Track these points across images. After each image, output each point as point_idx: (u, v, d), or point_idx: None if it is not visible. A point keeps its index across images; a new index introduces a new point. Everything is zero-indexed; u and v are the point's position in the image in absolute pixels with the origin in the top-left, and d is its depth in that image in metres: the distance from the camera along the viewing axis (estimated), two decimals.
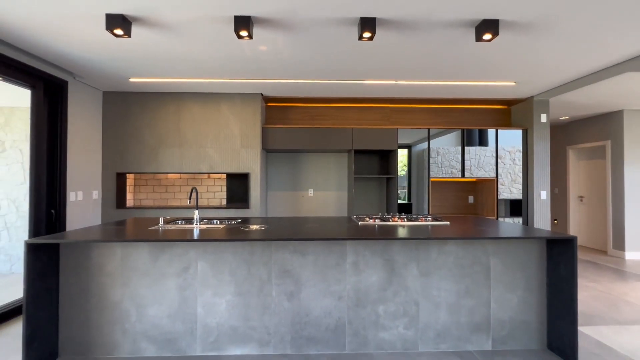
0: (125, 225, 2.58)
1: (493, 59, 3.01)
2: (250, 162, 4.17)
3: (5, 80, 2.89)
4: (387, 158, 4.70)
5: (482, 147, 4.49)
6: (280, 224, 2.64)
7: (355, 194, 4.72)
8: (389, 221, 2.76)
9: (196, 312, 2.22)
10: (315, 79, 3.60)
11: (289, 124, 4.67)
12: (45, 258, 2.07)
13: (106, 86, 3.89)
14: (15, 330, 2.60)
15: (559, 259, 2.20)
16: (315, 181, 4.79)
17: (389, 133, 4.35)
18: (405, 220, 2.83)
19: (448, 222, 2.73)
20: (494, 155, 4.46)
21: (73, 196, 3.57)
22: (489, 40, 2.35)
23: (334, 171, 4.81)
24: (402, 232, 2.23)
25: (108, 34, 2.45)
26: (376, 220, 2.80)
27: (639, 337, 2.45)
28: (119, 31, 2.22)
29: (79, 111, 3.66)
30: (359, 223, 2.66)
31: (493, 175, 4.44)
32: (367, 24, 2.21)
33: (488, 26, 2.24)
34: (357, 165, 4.70)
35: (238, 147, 4.16)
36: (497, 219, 4.42)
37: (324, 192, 4.80)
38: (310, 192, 4.78)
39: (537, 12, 2.17)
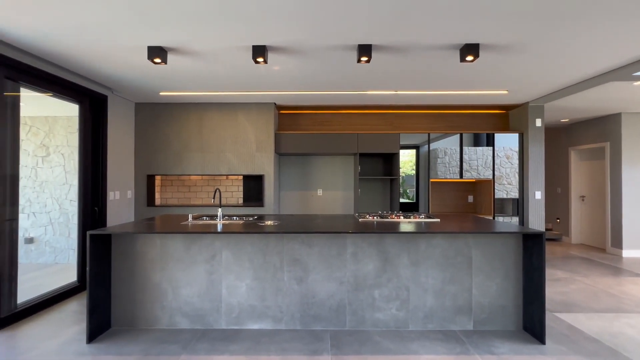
0: (160, 220, 3.05)
1: (482, 72, 3.33)
2: (265, 164, 4.61)
3: (57, 97, 3.42)
4: (390, 160, 5.06)
5: (488, 148, 4.78)
6: (291, 220, 3.06)
7: (360, 193, 5.10)
8: (387, 218, 3.13)
9: (221, 293, 2.66)
10: (322, 91, 4.00)
11: (299, 129, 5.09)
12: (101, 246, 2.56)
13: (138, 98, 4.40)
14: (69, 307, 3.12)
15: (532, 251, 2.53)
16: (324, 182, 5.20)
17: (391, 137, 4.70)
18: (401, 217, 3.20)
19: (439, 219, 3.08)
20: (498, 156, 4.74)
21: (112, 195, 4.10)
22: (471, 61, 2.69)
23: (341, 173, 5.20)
24: (395, 228, 2.61)
25: (145, 58, 2.91)
26: (375, 217, 3.18)
27: (609, 322, 2.75)
28: (157, 60, 2.68)
29: (115, 121, 4.18)
30: (360, 219, 3.05)
31: (493, 176, 4.73)
32: (364, 50, 2.59)
33: (470, 49, 2.59)
34: (362, 167, 5.07)
35: (253, 151, 4.61)
36: (493, 218, 4.71)
37: (332, 191, 5.20)
38: (320, 192, 5.19)
39: (512, 37, 2.50)
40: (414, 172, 4.98)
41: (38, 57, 2.92)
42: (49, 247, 4.64)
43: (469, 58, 2.65)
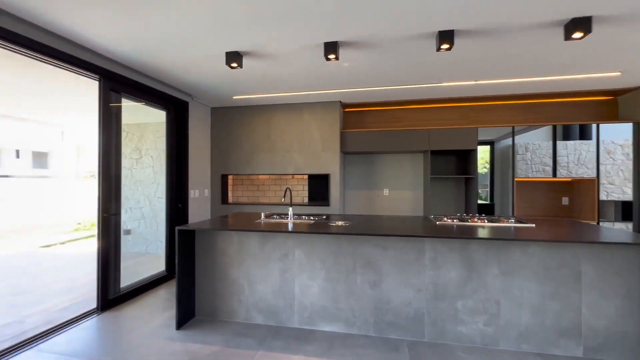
0: (235, 218, 3.20)
1: (589, 51, 2.81)
2: (330, 163, 4.57)
3: (149, 105, 3.81)
4: (465, 157, 4.63)
5: (584, 142, 4.07)
6: (361, 220, 2.95)
7: (431, 193, 4.76)
8: (467, 222, 2.83)
9: (294, 291, 2.67)
10: (392, 86, 3.80)
11: (364, 127, 4.95)
12: (187, 241, 2.77)
13: (214, 103, 4.72)
14: (160, 294, 3.45)
15: None
16: (391, 181, 4.97)
17: (467, 132, 4.29)
18: (485, 221, 2.86)
19: (533, 225, 2.68)
20: (606, 150, 3.99)
21: (192, 194, 4.46)
22: (579, 39, 2.27)
23: (409, 171, 4.92)
24: (482, 233, 2.33)
25: (222, 65, 3.07)
26: (454, 220, 2.90)
27: None
28: (234, 64, 2.80)
29: (194, 125, 4.54)
30: (437, 222, 2.81)
31: (594, 173, 4.01)
32: (446, 37, 2.36)
33: (578, 24, 2.18)
34: (433, 165, 4.73)
35: (319, 150, 4.61)
36: (598, 223, 3.99)
37: (398, 191, 4.95)
38: (386, 192, 4.99)
39: (633, 5, 2.03)
40: (486, 170, 4.47)
41: (132, 69, 3.28)
42: (142, 238, 5.27)
43: (577, 35, 2.23)
